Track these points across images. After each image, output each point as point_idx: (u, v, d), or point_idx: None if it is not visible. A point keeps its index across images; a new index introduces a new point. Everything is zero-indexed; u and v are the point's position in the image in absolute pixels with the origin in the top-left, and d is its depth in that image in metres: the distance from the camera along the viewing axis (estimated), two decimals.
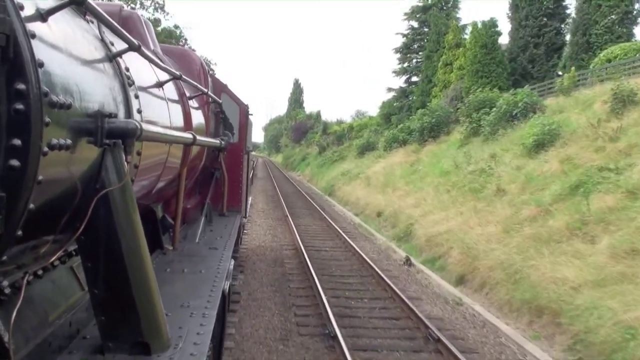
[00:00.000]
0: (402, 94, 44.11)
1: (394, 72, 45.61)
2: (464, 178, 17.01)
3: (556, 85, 23.12)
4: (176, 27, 34.12)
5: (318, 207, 24.12)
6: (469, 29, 34.63)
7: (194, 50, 34.46)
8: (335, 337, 7.75)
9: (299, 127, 72.75)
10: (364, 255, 13.34)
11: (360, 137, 41.52)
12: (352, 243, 15.11)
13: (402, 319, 9.05)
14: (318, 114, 76.77)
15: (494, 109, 20.66)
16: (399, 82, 46.51)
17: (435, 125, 26.86)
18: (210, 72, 9.21)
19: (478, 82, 27.23)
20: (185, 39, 34.90)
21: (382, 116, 43.75)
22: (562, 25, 30.80)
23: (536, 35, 30.24)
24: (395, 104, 43.98)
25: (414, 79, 44.19)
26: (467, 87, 28.12)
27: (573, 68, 23.13)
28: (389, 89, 46.06)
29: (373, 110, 72.20)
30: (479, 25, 30.38)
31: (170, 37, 31.03)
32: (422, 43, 43.43)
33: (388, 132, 33.53)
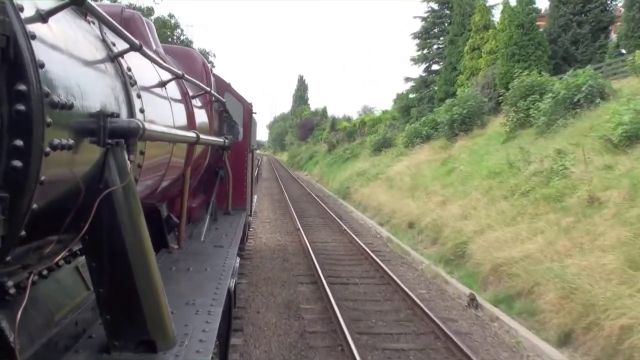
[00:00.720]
0: (423, 83, 39.48)
1: (412, 59, 40.73)
2: (527, 181, 13.17)
3: (626, 64, 19.59)
4: (171, 16, 33.39)
5: (334, 215, 20.28)
6: (497, 9, 31.00)
7: (191, 42, 34.18)
8: None
9: (305, 124, 71.24)
10: (410, 293, 9.55)
11: (375, 132, 38.08)
12: (387, 270, 11.36)
13: None
14: (324, 110, 74.83)
15: (549, 95, 17.36)
16: (418, 70, 42.07)
17: (467, 117, 23.48)
18: (210, 63, 9.22)
19: (515, 67, 23.41)
20: (182, 30, 34.45)
21: (400, 109, 39.40)
22: (609, 1, 27.09)
23: (579, 12, 26.43)
24: (413, 96, 39.77)
25: (434, 67, 40.01)
26: (501, 73, 24.74)
27: None
28: (407, 79, 41.58)
29: (380, 106, 70.74)
30: (513, 2, 26.60)
31: (165, 27, 30.45)
32: (443, 27, 39.01)
33: (409, 127, 29.74)
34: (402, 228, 16.55)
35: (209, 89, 6.77)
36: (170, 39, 30.97)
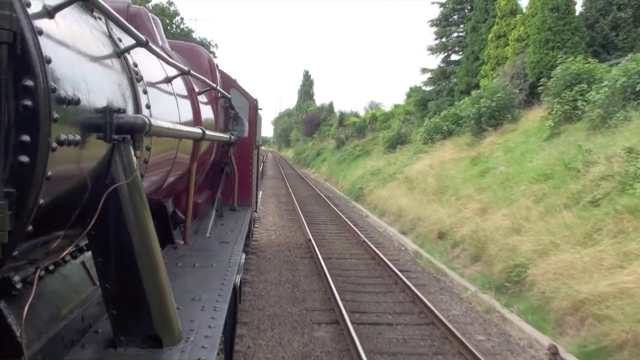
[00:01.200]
0: (441, 74, 35.73)
1: (430, 49, 37.09)
2: (595, 187, 10.52)
3: None
4: (170, 3, 32.84)
5: (348, 221, 17.88)
6: None
7: (192, 32, 33.77)
8: None
9: (311, 119, 69.81)
10: (467, 343, 7.13)
11: (388, 128, 35.11)
12: (426, 301, 8.92)
13: None
14: (330, 105, 72.80)
15: (604, 83, 14.81)
16: (436, 61, 39.24)
17: (497, 111, 20.70)
18: (211, 54, 9.24)
19: (548, 55, 21.13)
20: (182, 18, 33.91)
21: (416, 102, 35.88)
22: None
23: None
24: (430, 88, 36.33)
25: (453, 57, 36.75)
26: (532, 62, 21.99)
27: None
28: (423, 70, 37.54)
29: (387, 102, 69.32)
30: None
31: (163, 14, 29.87)
32: (464, 13, 35.84)
33: (428, 122, 26.98)
34: (431, 239, 13.98)
35: (214, 85, 6.78)
36: (169, 27, 30.50)
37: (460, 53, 34.79)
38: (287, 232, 16.08)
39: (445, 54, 37.03)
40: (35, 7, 1.96)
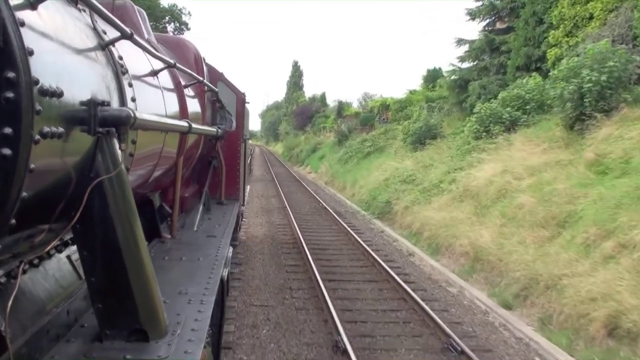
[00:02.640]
0: (487, 46, 26.34)
1: (470, 13, 27.59)
2: None
3: None
4: None
5: (391, 271, 10.57)
6: None
7: (162, 6, 32.67)
8: None
9: (302, 111, 66.70)
10: None
11: (407, 118, 28.77)
12: None
13: None
14: (323, 96, 69.53)
15: None
16: (478, 28, 30.59)
17: (608, 88, 13.00)
18: (184, 25, 9.26)
19: None
20: None
21: (452, 84, 27.43)
22: None
23: None
24: (466, 65, 27.55)
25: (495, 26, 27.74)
26: None
27: None
28: (460, 41, 27.95)
29: (383, 93, 66.59)
30: None
31: None
32: None
33: (481, 107, 19.00)
34: (590, 336, 7.08)
35: (201, 78, 6.76)
36: None
37: (507, 20, 26.58)
38: (292, 312, 8.54)
39: (490, 19, 27.83)
40: None
